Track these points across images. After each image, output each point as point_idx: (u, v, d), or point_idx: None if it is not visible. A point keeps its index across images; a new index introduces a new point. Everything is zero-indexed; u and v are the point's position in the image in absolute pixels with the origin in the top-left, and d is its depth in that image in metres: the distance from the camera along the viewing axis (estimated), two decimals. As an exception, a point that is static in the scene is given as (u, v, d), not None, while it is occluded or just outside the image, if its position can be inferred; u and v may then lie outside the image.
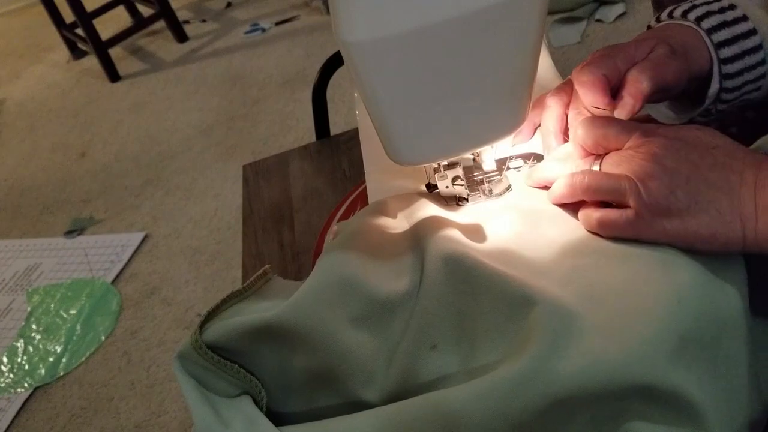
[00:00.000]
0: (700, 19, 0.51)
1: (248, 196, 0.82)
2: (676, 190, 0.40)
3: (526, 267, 0.43)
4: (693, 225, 0.40)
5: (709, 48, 0.51)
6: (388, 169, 0.56)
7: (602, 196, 0.44)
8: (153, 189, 2.16)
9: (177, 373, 0.41)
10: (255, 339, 0.41)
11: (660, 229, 0.41)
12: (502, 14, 0.38)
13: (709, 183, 0.40)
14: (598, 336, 0.37)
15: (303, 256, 0.71)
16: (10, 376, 1.66)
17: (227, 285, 1.73)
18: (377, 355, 0.42)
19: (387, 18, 0.37)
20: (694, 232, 0.40)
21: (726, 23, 0.51)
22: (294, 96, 2.39)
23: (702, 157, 0.41)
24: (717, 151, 0.42)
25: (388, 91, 0.41)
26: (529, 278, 0.41)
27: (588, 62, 0.48)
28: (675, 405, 0.36)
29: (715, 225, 0.40)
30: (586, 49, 2.11)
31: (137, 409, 1.52)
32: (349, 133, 0.86)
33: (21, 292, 1.91)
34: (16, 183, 2.42)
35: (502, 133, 0.47)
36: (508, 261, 0.43)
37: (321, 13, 2.83)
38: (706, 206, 0.40)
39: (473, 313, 0.41)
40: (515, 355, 0.38)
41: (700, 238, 0.40)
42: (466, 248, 0.43)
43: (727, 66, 0.51)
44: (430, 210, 0.49)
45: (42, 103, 2.86)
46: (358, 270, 0.43)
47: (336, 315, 0.42)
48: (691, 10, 0.52)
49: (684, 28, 0.52)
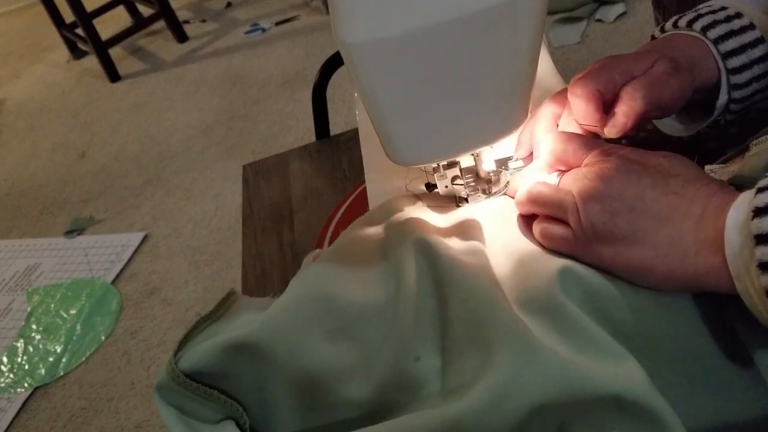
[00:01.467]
0: (706, 29, 0.50)
1: (248, 196, 0.82)
2: (616, 217, 0.39)
3: (513, 267, 0.43)
4: (627, 255, 0.39)
5: (716, 58, 0.49)
6: (387, 169, 0.56)
7: (548, 210, 0.43)
8: (153, 189, 2.16)
9: (158, 404, 0.40)
10: (230, 359, 0.40)
11: (596, 254, 0.40)
12: (502, 15, 0.38)
13: (653, 213, 0.38)
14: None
15: (303, 256, 0.71)
16: (10, 376, 1.66)
17: (227, 285, 1.73)
18: (354, 368, 0.41)
19: (387, 18, 0.37)
20: (627, 263, 0.39)
21: (733, 32, 0.49)
22: (294, 96, 2.39)
23: (654, 185, 0.39)
24: (674, 180, 0.39)
25: (388, 92, 0.41)
26: (508, 280, 0.41)
27: (584, 74, 0.47)
28: (642, 414, 0.35)
29: (650, 258, 0.38)
30: (586, 49, 2.11)
31: (137, 409, 1.52)
32: (349, 133, 0.86)
33: (21, 292, 1.91)
34: (16, 183, 2.42)
35: (502, 133, 0.47)
36: (499, 261, 0.44)
37: (321, 13, 2.83)
38: (643, 237, 0.38)
39: (452, 320, 0.40)
40: (487, 367, 0.37)
41: (635, 269, 0.39)
42: (440, 252, 0.42)
43: (735, 76, 0.50)
44: (409, 214, 0.49)
45: (42, 103, 2.86)
46: (332, 283, 0.43)
47: (310, 329, 0.41)
48: (697, 20, 0.51)
49: (689, 39, 0.50)
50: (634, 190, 0.39)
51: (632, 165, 0.40)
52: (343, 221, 0.72)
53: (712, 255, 0.36)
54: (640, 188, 0.39)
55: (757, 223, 0.33)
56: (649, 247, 0.38)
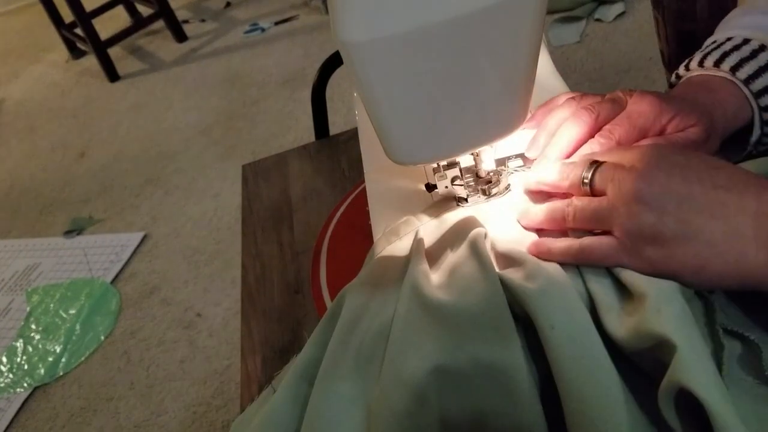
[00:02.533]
0: (734, 69, 0.49)
1: (247, 196, 0.82)
2: (664, 216, 0.37)
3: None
4: (680, 254, 0.37)
5: (748, 98, 0.49)
6: (387, 169, 0.56)
7: (582, 224, 0.41)
8: (152, 189, 2.16)
9: None
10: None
11: (645, 258, 0.38)
12: (502, 14, 0.38)
13: (703, 208, 0.37)
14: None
15: (302, 256, 0.71)
16: (10, 376, 1.66)
17: (227, 285, 1.73)
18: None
19: (386, 18, 0.37)
20: (680, 262, 0.37)
21: (761, 69, 0.49)
22: (293, 96, 2.39)
23: (700, 179, 0.37)
24: (718, 172, 0.38)
25: (387, 91, 0.41)
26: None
27: (624, 121, 0.46)
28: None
29: (705, 255, 0.36)
30: (585, 48, 2.11)
31: (137, 409, 1.52)
32: (348, 133, 0.86)
33: (20, 292, 1.91)
34: (16, 183, 2.42)
35: (502, 133, 0.47)
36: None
37: (320, 12, 2.83)
38: (696, 234, 0.36)
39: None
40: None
41: (688, 268, 0.37)
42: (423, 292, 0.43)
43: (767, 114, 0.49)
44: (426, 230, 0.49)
45: (41, 103, 2.86)
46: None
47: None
48: (724, 60, 0.50)
49: (723, 82, 0.50)
50: (679, 185, 0.37)
51: (673, 160, 0.39)
52: (343, 221, 0.72)
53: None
54: (686, 183, 0.37)
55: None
56: (704, 243, 0.36)
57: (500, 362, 0.38)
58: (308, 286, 0.67)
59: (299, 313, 0.65)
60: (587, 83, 1.98)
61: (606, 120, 0.48)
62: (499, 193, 0.50)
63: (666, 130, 0.47)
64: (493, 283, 0.40)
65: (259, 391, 0.58)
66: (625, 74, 1.96)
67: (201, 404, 1.48)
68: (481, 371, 0.39)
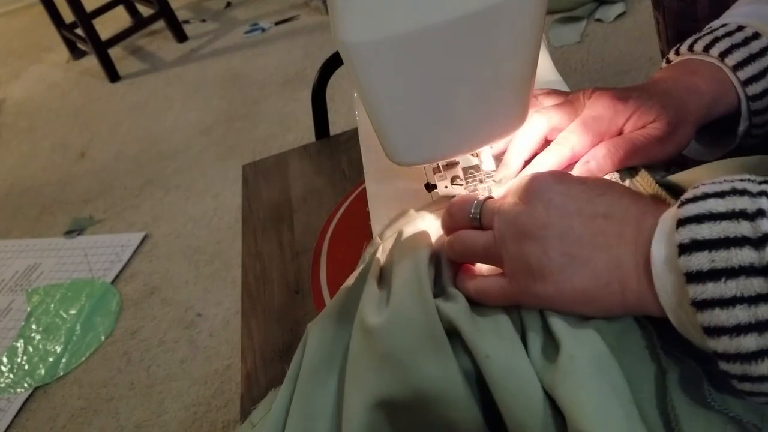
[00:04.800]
0: (723, 55, 0.48)
1: (248, 196, 0.82)
2: (549, 250, 0.36)
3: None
4: (569, 288, 0.36)
5: (735, 86, 0.48)
6: (387, 169, 0.56)
7: (478, 259, 0.41)
8: (153, 189, 2.16)
9: None
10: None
11: (535, 294, 0.37)
12: (502, 15, 0.38)
13: (585, 240, 0.36)
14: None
15: (302, 256, 0.71)
16: (10, 376, 1.66)
17: (227, 285, 1.73)
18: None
19: (386, 18, 0.37)
20: (570, 296, 0.36)
21: (752, 56, 0.48)
22: (294, 96, 2.39)
23: (579, 210, 0.37)
24: (600, 200, 0.37)
25: (387, 92, 0.41)
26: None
27: (578, 127, 0.47)
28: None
29: (590, 288, 0.36)
30: (585, 48, 2.11)
31: (137, 409, 1.52)
32: (348, 133, 0.86)
33: (21, 292, 1.91)
34: (16, 183, 2.42)
35: (502, 133, 0.47)
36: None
37: (320, 12, 2.83)
38: (582, 266, 0.36)
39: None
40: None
41: (578, 302, 0.36)
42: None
43: (755, 103, 0.48)
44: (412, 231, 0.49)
45: (42, 103, 2.86)
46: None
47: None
48: (714, 44, 0.49)
49: (708, 66, 0.49)
50: (560, 219, 0.37)
51: (553, 191, 0.38)
52: (343, 221, 0.72)
53: (652, 283, 0.34)
54: (566, 215, 0.37)
55: (685, 261, 0.31)
56: (589, 276, 0.36)
57: (438, 385, 0.38)
58: (308, 286, 0.67)
59: (299, 313, 0.65)
60: (587, 83, 1.97)
61: (560, 124, 0.48)
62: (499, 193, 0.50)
63: (624, 130, 0.47)
64: (427, 312, 0.40)
65: (260, 391, 0.58)
66: (626, 74, 1.96)
67: (201, 404, 1.48)
68: (421, 396, 0.39)
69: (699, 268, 0.30)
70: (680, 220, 0.32)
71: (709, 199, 0.31)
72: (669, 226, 0.33)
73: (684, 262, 0.31)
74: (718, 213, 0.31)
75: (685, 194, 0.33)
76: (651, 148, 0.46)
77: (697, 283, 0.30)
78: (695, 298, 0.31)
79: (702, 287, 0.30)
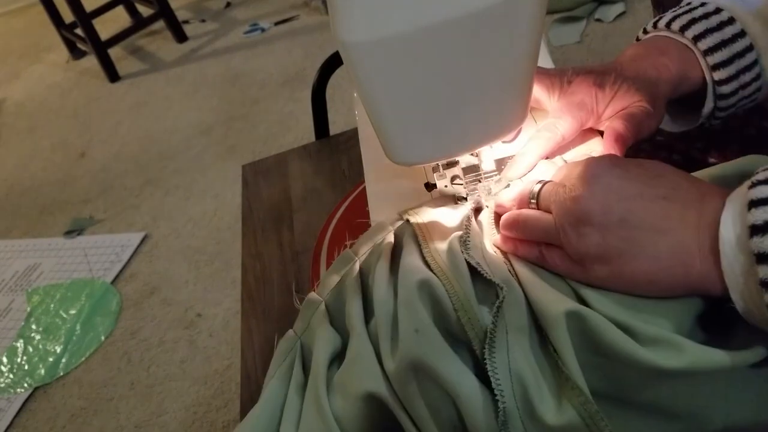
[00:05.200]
0: (697, 39, 0.50)
1: (248, 196, 0.82)
2: (608, 235, 0.37)
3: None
4: (627, 271, 0.37)
5: (703, 69, 0.50)
6: (387, 169, 0.56)
7: (537, 237, 0.42)
8: (153, 189, 2.16)
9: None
10: None
11: (595, 275, 0.38)
12: (501, 14, 0.38)
13: (645, 224, 0.36)
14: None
15: (302, 256, 0.71)
16: (10, 376, 1.66)
17: (227, 285, 1.73)
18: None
19: (386, 18, 0.37)
20: (629, 279, 0.37)
21: (724, 42, 0.49)
22: (293, 96, 2.39)
23: (640, 193, 0.37)
24: (659, 182, 0.38)
25: (387, 92, 0.41)
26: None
27: (563, 110, 0.49)
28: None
29: (652, 270, 0.36)
30: (585, 48, 2.11)
31: (137, 409, 1.52)
32: (348, 133, 0.86)
33: (21, 292, 1.91)
34: (16, 183, 2.42)
35: (502, 133, 0.47)
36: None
37: (320, 12, 2.83)
38: (642, 250, 0.36)
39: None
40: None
41: (637, 283, 0.37)
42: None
43: (721, 87, 0.50)
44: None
45: (41, 103, 2.86)
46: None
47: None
48: (690, 26, 0.50)
49: (678, 47, 0.51)
50: (619, 202, 0.37)
51: (612, 174, 0.39)
52: (343, 221, 0.72)
53: (716, 265, 0.34)
54: (626, 199, 0.37)
55: (757, 242, 0.31)
56: (651, 259, 0.36)
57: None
58: (308, 286, 0.67)
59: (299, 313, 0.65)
60: (587, 83, 1.97)
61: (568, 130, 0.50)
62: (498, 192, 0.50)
63: (604, 114, 0.49)
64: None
65: (259, 392, 0.58)
66: (626, 74, 1.96)
67: (201, 404, 1.48)
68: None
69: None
70: (752, 201, 0.32)
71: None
72: (740, 206, 0.33)
73: (756, 242, 0.31)
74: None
75: (756, 176, 0.33)
76: (646, 122, 0.48)
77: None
78: (765, 279, 0.31)
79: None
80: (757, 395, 0.36)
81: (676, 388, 0.36)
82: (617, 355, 0.36)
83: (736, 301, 0.34)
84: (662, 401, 0.36)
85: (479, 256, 0.44)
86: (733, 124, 0.64)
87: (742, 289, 0.33)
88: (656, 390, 0.36)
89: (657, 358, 0.34)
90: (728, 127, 0.64)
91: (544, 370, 0.39)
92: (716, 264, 0.34)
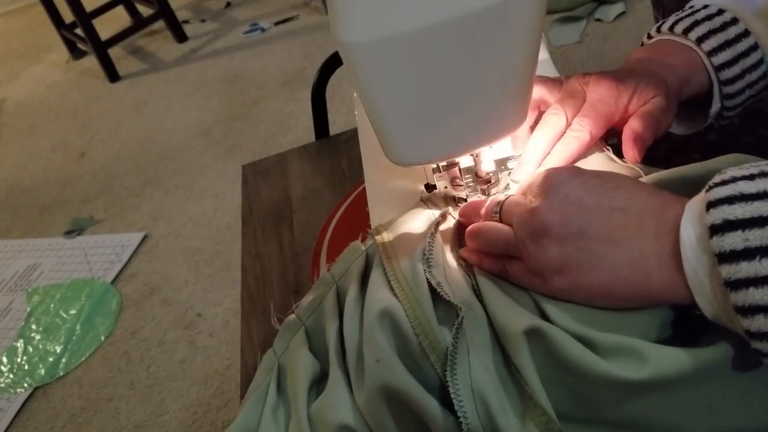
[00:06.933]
0: (701, 40, 0.50)
1: (247, 197, 0.82)
2: (566, 246, 0.37)
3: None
4: (585, 282, 0.37)
5: (708, 70, 0.51)
6: (387, 170, 0.56)
7: (499, 250, 0.42)
8: (153, 189, 2.16)
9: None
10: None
11: (554, 287, 0.38)
12: (501, 15, 0.38)
13: (602, 235, 0.36)
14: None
15: (302, 257, 0.71)
16: (10, 377, 1.66)
17: (227, 285, 1.73)
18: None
19: (385, 18, 0.37)
20: (587, 290, 0.37)
21: (728, 42, 0.50)
22: (293, 96, 2.39)
23: (597, 204, 0.37)
24: (617, 192, 0.38)
25: (387, 92, 0.41)
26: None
27: (589, 110, 0.48)
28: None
29: (610, 281, 0.36)
30: (585, 48, 2.11)
31: (137, 409, 1.52)
32: (348, 133, 0.86)
33: (21, 292, 1.91)
34: (16, 183, 2.42)
35: (501, 133, 0.47)
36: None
37: (320, 12, 2.83)
38: (600, 261, 0.36)
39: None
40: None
41: (595, 295, 0.37)
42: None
43: (727, 87, 0.51)
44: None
45: (41, 103, 2.86)
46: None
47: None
48: (693, 28, 0.51)
49: (683, 50, 0.51)
50: (577, 213, 0.37)
51: (570, 186, 0.39)
52: (343, 221, 0.72)
53: (677, 271, 0.34)
54: (584, 210, 0.37)
55: (717, 241, 0.31)
56: (608, 271, 0.36)
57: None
58: (308, 286, 0.67)
59: (299, 313, 0.65)
60: (587, 83, 1.97)
61: (573, 116, 0.49)
62: (498, 193, 0.50)
63: (629, 109, 0.49)
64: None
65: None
66: (625, 74, 1.96)
67: (201, 404, 1.48)
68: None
69: (732, 248, 0.30)
70: (710, 203, 0.32)
71: (738, 182, 0.32)
72: (698, 209, 0.33)
73: (716, 242, 0.31)
74: (749, 194, 0.31)
75: (712, 180, 0.33)
76: (663, 119, 0.48)
77: (731, 263, 0.31)
78: (728, 278, 0.31)
79: (735, 267, 0.30)
80: (742, 404, 0.35)
81: (649, 402, 0.35)
82: (578, 370, 0.35)
83: (704, 307, 0.34)
84: (637, 419, 0.35)
85: (441, 274, 0.44)
86: (731, 131, 0.65)
87: (708, 292, 0.33)
88: (629, 406, 0.35)
89: (617, 369, 0.34)
90: (726, 135, 0.64)
91: (508, 388, 0.38)
92: (678, 270, 0.34)
